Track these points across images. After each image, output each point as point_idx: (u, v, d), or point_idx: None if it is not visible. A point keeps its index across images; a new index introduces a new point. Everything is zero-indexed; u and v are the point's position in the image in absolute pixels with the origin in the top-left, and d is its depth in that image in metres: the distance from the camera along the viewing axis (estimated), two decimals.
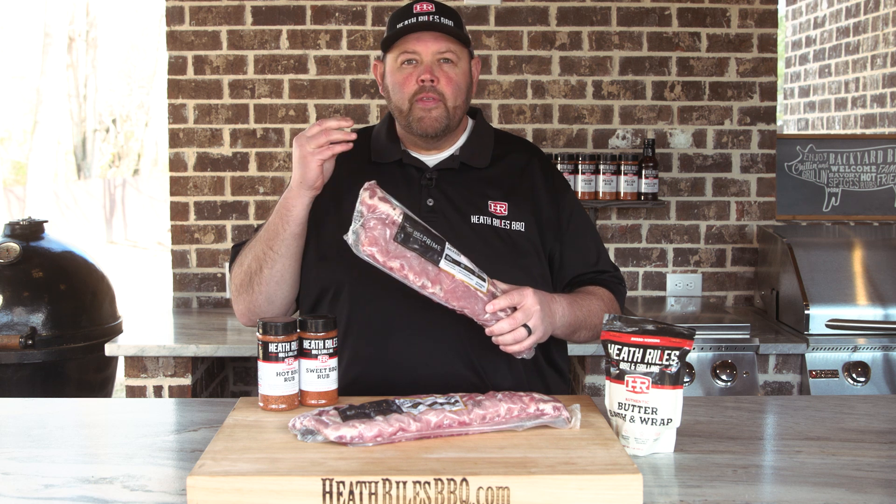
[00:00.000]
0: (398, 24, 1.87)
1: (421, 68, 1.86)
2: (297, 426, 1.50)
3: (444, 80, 1.86)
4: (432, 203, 1.90)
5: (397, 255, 1.59)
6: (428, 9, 1.87)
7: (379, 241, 1.58)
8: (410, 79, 1.86)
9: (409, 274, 1.60)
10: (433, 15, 1.86)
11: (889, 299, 3.22)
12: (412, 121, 1.88)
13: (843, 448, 1.62)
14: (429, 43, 1.86)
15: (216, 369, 3.56)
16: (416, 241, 1.61)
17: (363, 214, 1.60)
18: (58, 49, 15.92)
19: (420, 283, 1.61)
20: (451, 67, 1.87)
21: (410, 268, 1.60)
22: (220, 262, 3.74)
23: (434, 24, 1.84)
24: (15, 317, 3.29)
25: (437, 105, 1.86)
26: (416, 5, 1.87)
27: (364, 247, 1.58)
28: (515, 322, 1.69)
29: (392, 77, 1.90)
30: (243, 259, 1.92)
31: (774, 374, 3.18)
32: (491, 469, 1.36)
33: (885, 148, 3.88)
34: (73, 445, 1.65)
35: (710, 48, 3.70)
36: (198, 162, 3.71)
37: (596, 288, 1.97)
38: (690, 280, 3.76)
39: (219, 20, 3.67)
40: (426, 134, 1.88)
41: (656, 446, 1.58)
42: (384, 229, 1.59)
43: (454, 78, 1.87)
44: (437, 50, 1.86)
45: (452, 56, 1.87)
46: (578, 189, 3.56)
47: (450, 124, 1.89)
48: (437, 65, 1.86)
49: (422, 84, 1.85)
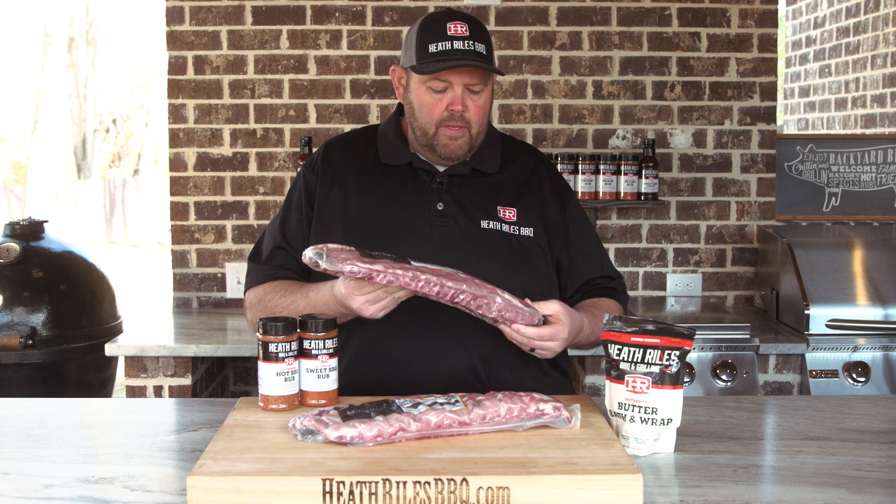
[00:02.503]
0: (430, 45, 1.82)
1: (451, 97, 1.85)
2: (298, 426, 1.50)
3: (472, 108, 1.86)
4: (442, 207, 1.90)
5: (375, 262, 1.60)
6: (462, 31, 1.83)
7: (351, 258, 1.59)
8: (439, 105, 1.85)
9: (397, 270, 1.61)
10: (468, 41, 1.82)
11: (889, 299, 3.22)
12: (436, 145, 1.88)
13: (843, 448, 1.62)
14: (462, 75, 1.84)
15: (216, 369, 3.56)
16: (381, 255, 1.63)
17: (321, 252, 1.59)
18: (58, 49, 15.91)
19: (411, 275, 1.61)
20: (479, 97, 1.87)
21: (394, 266, 1.61)
22: (220, 262, 3.74)
23: (469, 53, 1.81)
24: (15, 317, 3.29)
25: (463, 133, 1.86)
26: (451, 25, 1.83)
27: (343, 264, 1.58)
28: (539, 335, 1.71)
29: (418, 98, 1.88)
30: (277, 310, 1.89)
31: (774, 374, 3.18)
32: (491, 469, 1.37)
33: (885, 148, 3.88)
34: (73, 445, 1.65)
35: (711, 48, 3.70)
36: (198, 162, 3.71)
37: (608, 302, 1.98)
38: (690, 280, 3.76)
39: (219, 20, 3.67)
40: (449, 158, 1.90)
41: (656, 446, 1.58)
42: (348, 252, 1.61)
43: (481, 106, 1.87)
44: (470, 82, 1.84)
45: (481, 87, 1.86)
46: (578, 189, 3.56)
47: (472, 148, 1.91)
48: (466, 93, 1.85)
49: (451, 112, 1.85)
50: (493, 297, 1.67)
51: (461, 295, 1.64)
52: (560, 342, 1.74)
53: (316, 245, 1.62)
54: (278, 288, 1.92)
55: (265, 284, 1.95)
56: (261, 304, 1.93)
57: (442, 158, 1.90)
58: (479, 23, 1.88)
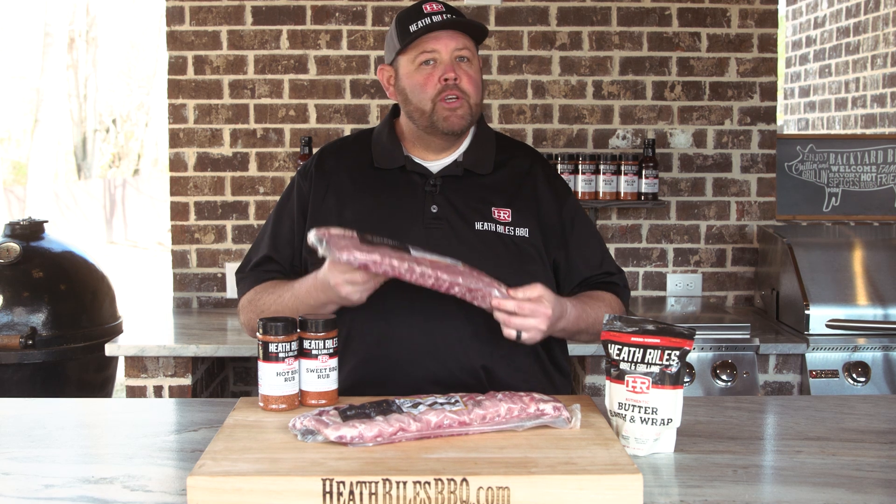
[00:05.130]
0: (411, 25, 1.85)
1: (441, 67, 1.86)
2: (298, 426, 1.50)
3: (465, 78, 1.87)
4: (436, 210, 1.90)
5: (373, 250, 1.63)
6: (438, 8, 1.87)
7: (350, 247, 1.62)
8: (431, 78, 1.86)
9: (394, 261, 1.63)
10: (444, 14, 1.86)
11: (889, 299, 3.22)
12: (437, 120, 1.87)
13: (843, 448, 1.62)
14: (447, 41, 1.85)
15: (216, 369, 3.56)
16: (381, 241, 1.66)
17: (322, 238, 1.63)
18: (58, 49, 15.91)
19: (407, 266, 1.63)
20: (469, 66, 1.88)
21: (391, 256, 1.63)
22: (220, 262, 3.75)
23: (452, 21, 1.85)
24: (15, 317, 3.29)
25: (462, 103, 1.87)
26: (425, 5, 1.87)
27: (340, 252, 1.61)
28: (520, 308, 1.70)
29: (410, 79, 1.88)
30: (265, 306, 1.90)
31: (774, 374, 3.18)
32: (491, 469, 1.36)
33: (885, 148, 3.88)
34: (73, 445, 1.65)
35: (711, 48, 3.70)
36: (198, 162, 3.72)
37: (603, 293, 1.97)
38: (690, 280, 3.76)
39: (219, 20, 3.67)
40: (452, 132, 1.89)
41: (656, 446, 1.58)
42: (348, 239, 1.63)
43: (473, 76, 1.88)
44: (456, 47, 1.86)
45: (469, 54, 1.88)
46: (578, 189, 3.56)
47: (472, 121, 1.91)
48: (456, 63, 1.86)
49: (445, 83, 1.85)
50: (490, 291, 1.68)
51: (455, 287, 1.67)
52: (542, 319, 1.71)
53: (319, 228, 1.65)
54: (267, 287, 1.94)
55: (255, 287, 1.97)
56: (251, 305, 1.95)
57: (445, 135, 1.89)
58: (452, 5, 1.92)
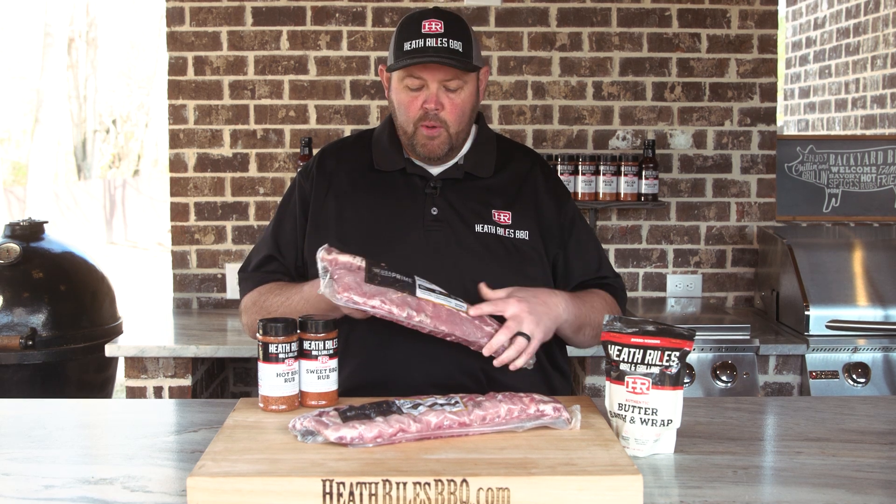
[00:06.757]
0: (405, 43, 1.82)
1: (426, 94, 1.84)
2: (298, 427, 1.50)
3: (448, 106, 1.84)
4: (436, 212, 1.90)
5: (374, 293, 1.62)
6: (437, 29, 1.81)
7: (352, 286, 1.61)
8: (415, 103, 1.85)
9: (393, 308, 1.63)
10: (441, 38, 1.80)
11: (889, 300, 3.22)
12: (416, 144, 1.88)
13: (843, 449, 1.62)
14: (435, 72, 1.82)
15: (216, 370, 3.56)
16: (387, 279, 1.65)
17: (328, 269, 1.63)
18: (58, 49, 15.91)
19: (406, 314, 1.64)
20: (456, 94, 1.85)
21: (391, 301, 1.63)
22: (220, 262, 3.74)
23: (442, 50, 1.79)
24: (15, 317, 3.29)
25: (440, 133, 1.85)
26: (426, 23, 1.82)
27: (340, 293, 1.60)
28: (510, 331, 1.70)
29: (396, 96, 1.88)
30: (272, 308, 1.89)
31: (774, 374, 3.18)
32: (491, 470, 1.36)
33: (885, 149, 3.88)
34: (73, 446, 1.65)
35: (711, 49, 3.70)
36: (198, 163, 3.71)
37: (598, 290, 1.97)
38: (690, 281, 3.76)
39: (219, 21, 3.67)
40: (429, 158, 1.89)
41: (656, 447, 1.58)
42: (353, 275, 1.63)
43: (459, 104, 1.85)
44: (444, 78, 1.83)
45: (457, 84, 1.84)
46: (578, 190, 3.56)
47: (453, 147, 1.90)
48: (442, 91, 1.84)
49: (425, 111, 1.84)
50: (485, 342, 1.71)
51: (451, 337, 1.70)
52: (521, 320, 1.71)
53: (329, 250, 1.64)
54: (273, 288, 1.93)
55: (259, 287, 1.95)
56: (255, 306, 1.93)
57: (422, 158, 1.90)
58: (458, 20, 1.86)
